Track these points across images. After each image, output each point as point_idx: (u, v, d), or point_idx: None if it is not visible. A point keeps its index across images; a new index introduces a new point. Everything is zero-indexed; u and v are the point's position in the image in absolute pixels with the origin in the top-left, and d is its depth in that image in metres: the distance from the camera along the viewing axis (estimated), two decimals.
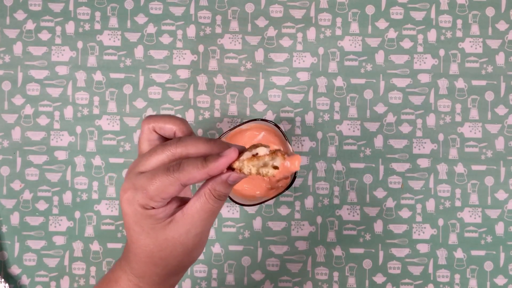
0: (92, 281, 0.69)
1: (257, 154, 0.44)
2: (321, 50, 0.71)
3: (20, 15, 0.71)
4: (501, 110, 0.70)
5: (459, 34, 0.71)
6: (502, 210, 0.70)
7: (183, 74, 0.71)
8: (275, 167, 0.44)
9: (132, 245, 0.47)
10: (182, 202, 0.48)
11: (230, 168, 0.45)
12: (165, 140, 0.50)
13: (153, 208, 0.46)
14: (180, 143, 0.46)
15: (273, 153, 0.44)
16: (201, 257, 0.70)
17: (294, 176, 0.63)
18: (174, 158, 0.46)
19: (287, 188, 0.63)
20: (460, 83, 0.70)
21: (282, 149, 0.44)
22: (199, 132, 0.70)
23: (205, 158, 0.44)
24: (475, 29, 0.71)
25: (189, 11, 0.71)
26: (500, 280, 0.69)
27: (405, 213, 0.70)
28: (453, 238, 0.70)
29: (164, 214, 0.46)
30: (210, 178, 0.46)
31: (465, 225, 0.70)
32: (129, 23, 0.71)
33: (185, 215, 0.46)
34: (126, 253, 0.49)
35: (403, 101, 0.70)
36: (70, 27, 0.71)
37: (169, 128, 0.49)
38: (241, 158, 0.44)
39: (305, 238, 0.70)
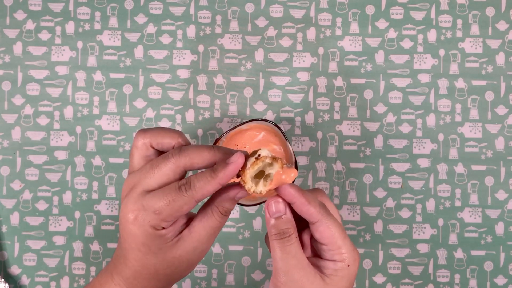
0: None
1: (259, 155, 0.44)
2: (321, 50, 0.71)
3: (20, 15, 0.71)
4: (501, 110, 0.70)
5: (459, 34, 0.71)
6: (502, 210, 0.70)
7: (183, 74, 0.71)
8: (268, 175, 0.45)
9: (134, 263, 0.46)
10: (188, 218, 0.47)
11: (237, 175, 0.45)
12: (160, 154, 0.48)
13: (163, 228, 0.45)
14: (183, 153, 0.44)
15: (274, 158, 0.44)
16: None
17: None
18: (178, 170, 0.44)
19: None
20: (460, 83, 0.70)
21: (284, 161, 0.45)
22: (199, 132, 0.70)
23: (213, 169, 0.44)
24: (475, 29, 0.71)
25: (189, 11, 0.71)
26: (500, 280, 0.70)
27: (405, 213, 0.70)
28: (453, 238, 0.70)
29: (172, 234, 0.45)
30: (216, 194, 0.46)
31: (465, 225, 0.70)
32: (129, 23, 0.71)
33: (192, 233, 0.46)
34: (121, 268, 0.48)
35: (403, 101, 0.70)
36: (70, 27, 0.71)
37: (168, 143, 0.47)
38: (247, 166, 0.44)
39: None
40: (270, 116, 0.70)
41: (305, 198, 0.45)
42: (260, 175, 0.45)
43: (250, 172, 0.44)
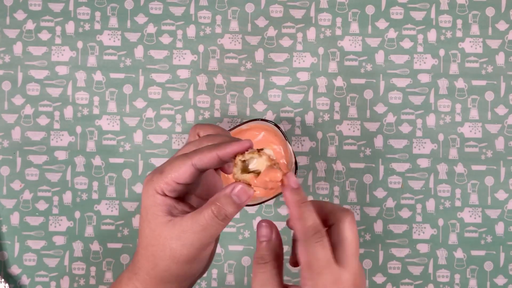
0: (92, 281, 0.69)
1: (262, 149, 0.44)
2: (321, 50, 0.71)
3: (20, 15, 0.71)
4: (501, 110, 0.70)
5: (459, 34, 0.71)
6: (502, 210, 0.70)
7: (183, 74, 0.71)
8: (256, 172, 0.45)
9: (139, 234, 0.48)
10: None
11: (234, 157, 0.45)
12: None
13: (166, 195, 0.46)
14: (209, 136, 0.47)
15: (273, 160, 0.44)
16: None
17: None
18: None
19: None
20: (460, 83, 0.70)
21: (280, 168, 0.45)
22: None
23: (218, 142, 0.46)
24: (475, 29, 0.71)
25: (189, 11, 0.71)
26: (500, 280, 0.70)
27: (405, 213, 0.70)
28: (453, 238, 0.70)
29: (167, 209, 0.46)
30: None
31: (465, 225, 0.70)
32: (129, 23, 0.71)
33: (181, 221, 0.46)
34: (136, 252, 0.49)
35: (403, 101, 0.70)
36: (70, 27, 0.71)
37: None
38: (246, 152, 0.45)
39: None
40: (270, 116, 0.70)
41: (300, 211, 0.44)
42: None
43: (244, 156, 0.44)
